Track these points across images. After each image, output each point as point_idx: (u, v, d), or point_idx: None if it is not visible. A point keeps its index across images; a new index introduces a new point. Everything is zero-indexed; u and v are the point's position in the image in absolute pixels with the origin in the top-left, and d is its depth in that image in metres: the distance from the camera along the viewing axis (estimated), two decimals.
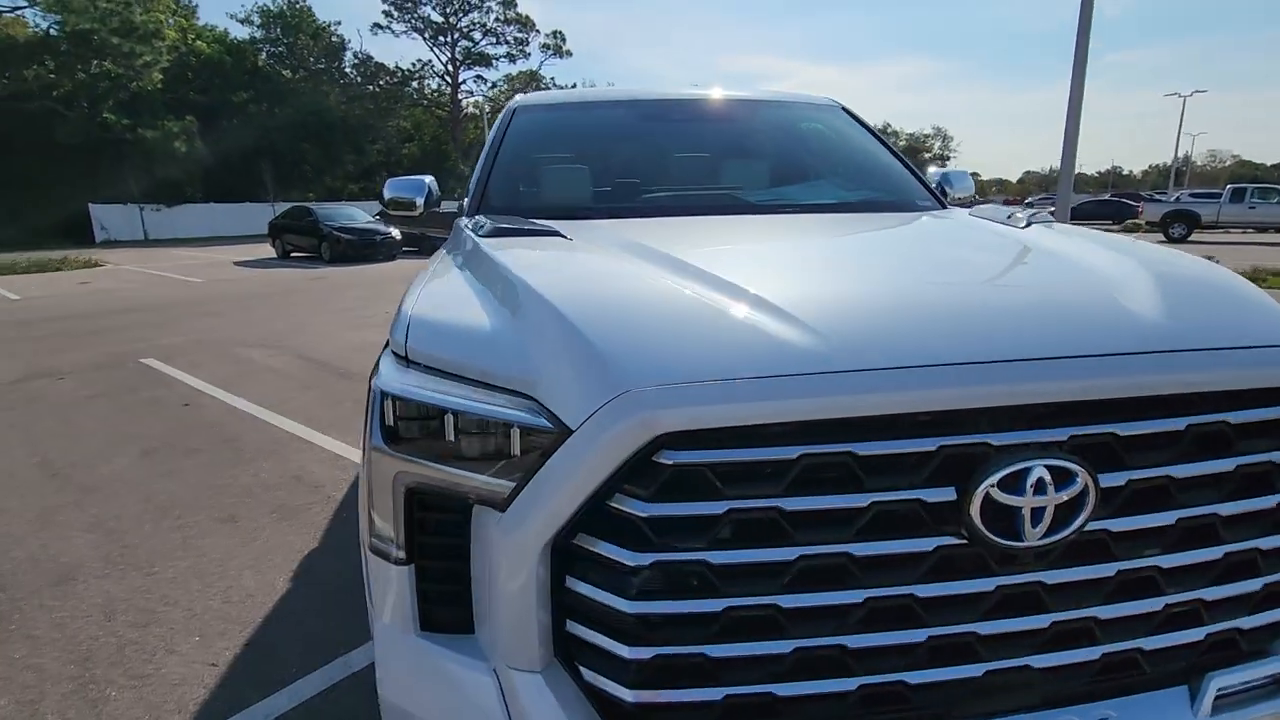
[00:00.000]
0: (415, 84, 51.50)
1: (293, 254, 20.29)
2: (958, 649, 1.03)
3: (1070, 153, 13.44)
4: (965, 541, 0.98)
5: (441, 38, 52.47)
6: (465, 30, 52.56)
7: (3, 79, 30.89)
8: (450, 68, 53.31)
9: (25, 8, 32.19)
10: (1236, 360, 1.07)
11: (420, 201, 2.58)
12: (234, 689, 2.12)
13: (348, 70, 47.26)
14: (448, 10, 51.29)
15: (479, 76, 54.63)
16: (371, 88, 47.97)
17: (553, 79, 57.88)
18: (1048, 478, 0.96)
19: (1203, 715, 1.08)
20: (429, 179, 2.65)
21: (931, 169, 3.01)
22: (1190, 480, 1.06)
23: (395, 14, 50.66)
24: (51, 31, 31.48)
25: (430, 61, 53.96)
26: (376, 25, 51.61)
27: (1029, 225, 1.82)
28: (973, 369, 0.98)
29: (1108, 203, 36.75)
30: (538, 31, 54.81)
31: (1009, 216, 1.93)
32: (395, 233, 18.63)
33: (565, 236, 1.65)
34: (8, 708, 2.06)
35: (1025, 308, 1.19)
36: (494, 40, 53.92)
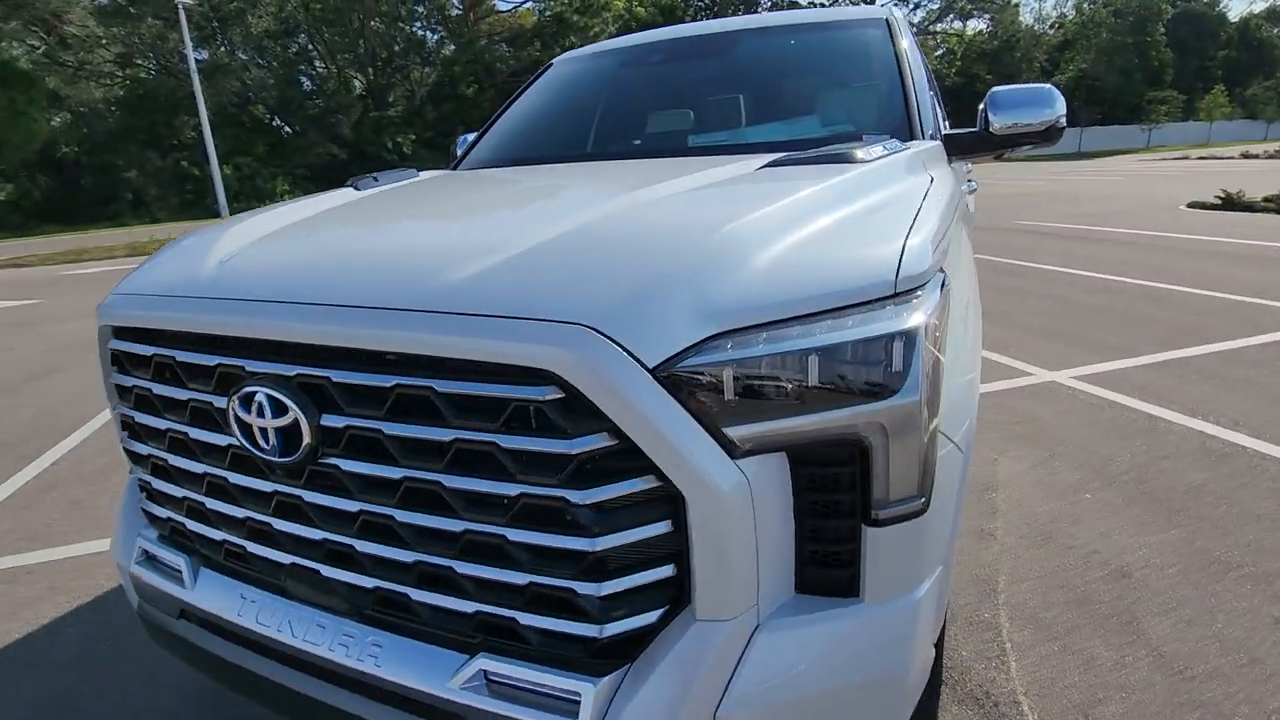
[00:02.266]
0: None
1: None
2: (266, 535, 1.25)
3: None
4: (240, 444, 1.19)
5: None
6: None
7: (512, 59, 41.19)
8: None
9: (529, 1, 41.86)
10: (467, 328, 0.98)
11: (459, 154, 3.14)
12: None
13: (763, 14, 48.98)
14: None
15: None
16: None
17: None
18: (266, 404, 1.11)
19: (453, 685, 1.08)
20: (471, 135, 3.17)
21: (996, 89, 2.27)
22: (409, 442, 1.04)
23: None
24: (544, 16, 40.48)
25: None
26: None
27: (761, 169, 1.51)
28: (240, 304, 1.17)
29: None
30: None
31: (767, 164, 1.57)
32: None
33: (357, 190, 2.01)
34: None
35: (392, 257, 1.25)
36: None
